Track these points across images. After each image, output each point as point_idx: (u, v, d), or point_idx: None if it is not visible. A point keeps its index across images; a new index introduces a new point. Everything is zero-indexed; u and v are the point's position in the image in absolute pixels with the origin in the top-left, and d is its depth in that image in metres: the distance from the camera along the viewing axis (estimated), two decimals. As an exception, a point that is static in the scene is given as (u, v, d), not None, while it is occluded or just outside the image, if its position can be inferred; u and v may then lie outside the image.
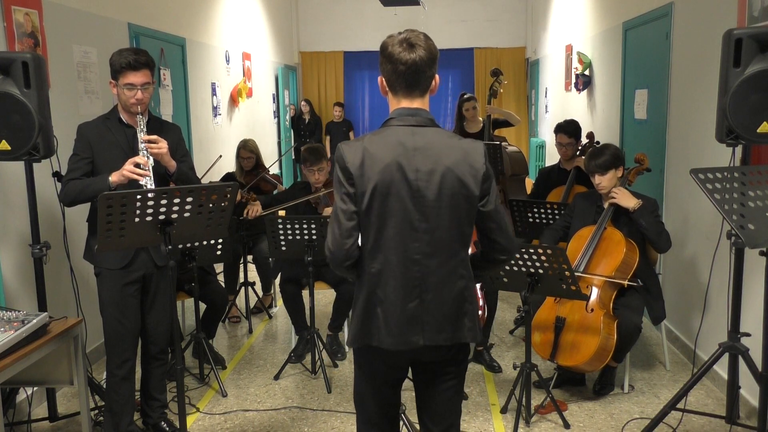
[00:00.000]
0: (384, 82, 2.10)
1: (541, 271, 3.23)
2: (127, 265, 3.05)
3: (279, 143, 10.39)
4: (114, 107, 3.11)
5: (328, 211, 4.35)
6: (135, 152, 2.99)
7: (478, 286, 4.01)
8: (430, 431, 2.25)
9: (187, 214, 2.67)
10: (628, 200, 3.67)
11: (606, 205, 3.79)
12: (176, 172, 3.06)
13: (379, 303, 2.06)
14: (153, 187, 2.82)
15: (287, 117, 10.71)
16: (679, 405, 3.13)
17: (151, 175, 2.88)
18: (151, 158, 2.92)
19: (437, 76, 2.11)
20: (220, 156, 5.86)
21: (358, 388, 2.25)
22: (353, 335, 2.13)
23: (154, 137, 2.95)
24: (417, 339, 2.06)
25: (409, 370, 2.26)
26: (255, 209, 4.75)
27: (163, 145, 2.96)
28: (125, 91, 2.95)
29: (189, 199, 2.64)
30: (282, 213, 4.21)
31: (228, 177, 5.49)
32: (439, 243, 2.04)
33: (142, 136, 2.95)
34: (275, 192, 5.34)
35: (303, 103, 10.84)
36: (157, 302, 3.20)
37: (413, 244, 2.03)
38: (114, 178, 2.88)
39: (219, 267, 5.30)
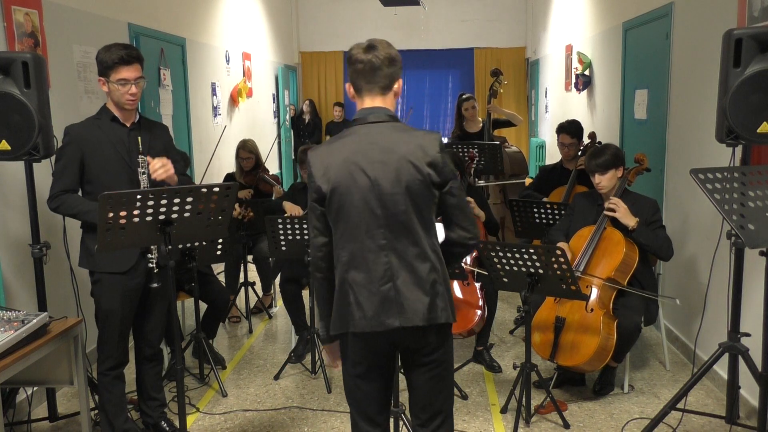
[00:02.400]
0: (350, 87, 2.27)
1: (541, 271, 3.23)
2: (131, 269, 2.99)
3: (279, 143, 10.39)
4: (103, 107, 3.04)
5: None
6: (130, 151, 2.96)
7: (478, 285, 4.02)
8: (418, 418, 2.32)
9: (187, 214, 2.67)
10: (628, 218, 3.65)
11: (606, 205, 3.79)
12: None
13: (351, 289, 2.17)
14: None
15: (287, 117, 10.70)
16: (679, 405, 3.13)
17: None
18: (146, 165, 2.93)
19: (401, 80, 2.26)
20: (225, 128, 5.80)
21: (347, 379, 2.32)
22: (332, 323, 2.23)
23: (158, 163, 2.91)
24: (392, 321, 2.15)
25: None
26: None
27: (169, 167, 2.94)
28: (119, 87, 2.89)
29: (189, 199, 2.64)
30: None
31: (229, 178, 5.49)
32: (402, 228, 2.15)
33: (145, 176, 2.94)
34: (273, 196, 5.33)
35: (305, 103, 10.84)
36: (155, 306, 3.16)
37: (378, 230, 2.15)
38: None
39: (219, 267, 5.30)
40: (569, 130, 4.84)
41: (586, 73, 6.88)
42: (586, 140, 4.99)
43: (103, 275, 3.00)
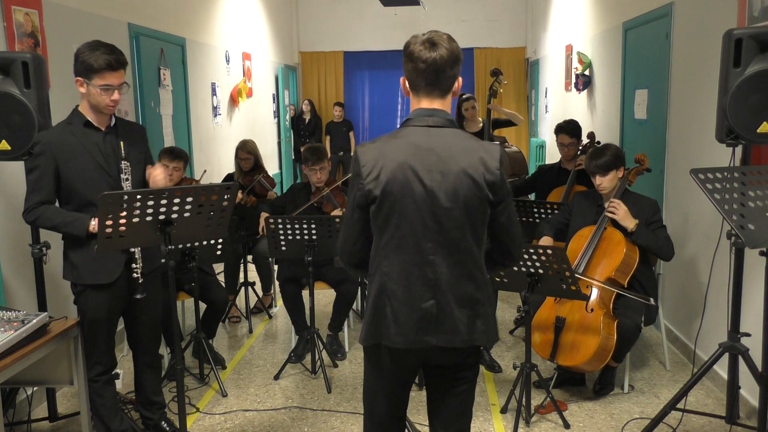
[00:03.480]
0: (405, 82, 2.09)
1: (541, 271, 3.23)
2: (116, 280, 2.92)
3: (279, 143, 10.40)
4: (75, 110, 2.89)
5: (334, 211, 4.35)
6: (107, 156, 2.87)
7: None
8: None
9: (187, 214, 2.66)
10: (628, 221, 3.64)
11: (606, 205, 3.79)
12: None
13: (389, 302, 2.05)
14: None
15: (287, 117, 10.71)
16: (679, 405, 3.13)
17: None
18: (129, 171, 2.91)
19: (460, 78, 2.10)
20: (204, 171, 5.78)
21: (368, 386, 2.23)
22: (364, 332, 2.12)
23: (155, 172, 2.91)
24: (430, 339, 2.04)
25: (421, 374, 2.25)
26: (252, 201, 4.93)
27: (163, 174, 2.95)
28: (101, 93, 2.75)
29: (189, 199, 2.63)
30: None
31: (229, 178, 5.49)
32: (453, 244, 2.02)
33: (128, 183, 2.91)
34: (268, 196, 5.32)
35: (305, 102, 10.85)
36: (146, 314, 3.11)
37: (427, 244, 2.02)
38: (92, 227, 2.76)
39: (219, 267, 5.30)
40: (567, 129, 4.84)
41: (586, 73, 6.87)
42: (585, 140, 4.99)
43: (88, 288, 2.92)
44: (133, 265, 2.93)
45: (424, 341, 2.04)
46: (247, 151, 5.33)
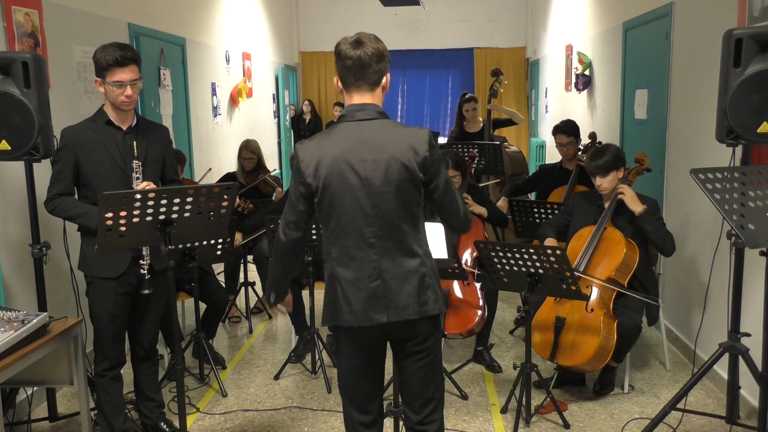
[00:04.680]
0: (338, 81, 2.26)
1: (541, 271, 3.23)
2: (123, 274, 2.97)
3: (279, 143, 10.40)
4: (100, 108, 3.01)
5: None
6: (125, 155, 2.94)
7: (478, 285, 4.02)
8: (411, 406, 2.38)
9: (187, 214, 2.67)
10: (635, 204, 3.65)
11: (606, 205, 3.79)
12: None
13: (340, 285, 2.23)
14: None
15: (287, 117, 10.71)
16: (679, 405, 3.13)
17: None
18: (140, 171, 2.93)
19: (388, 75, 2.27)
20: (209, 169, 5.81)
21: (339, 369, 2.38)
22: (323, 315, 2.32)
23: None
24: (380, 316, 2.21)
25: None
26: (236, 239, 4.76)
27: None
28: (114, 89, 2.86)
29: (189, 199, 2.64)
30: None
31: (228, 177, 5.49)
32: (391, 225, 2.20)
33: (139, 182, 2.93)
34: (274, 196, 5.33)
35: (305, 102, 10.85)
36: (149, 311, 3.14)
37: (367, 228, 2.19)
38: None
39: (219, 267, 5.31)
40: (565, 129, 4.84)
41: (586, 73, 6.88)
42: (585, 140, 4.99)
43: (96, 279, 2.99)
44: (141, 261, 2.96)
45: (374, 319, 2.20)
46: (250, 151, 5.34)
